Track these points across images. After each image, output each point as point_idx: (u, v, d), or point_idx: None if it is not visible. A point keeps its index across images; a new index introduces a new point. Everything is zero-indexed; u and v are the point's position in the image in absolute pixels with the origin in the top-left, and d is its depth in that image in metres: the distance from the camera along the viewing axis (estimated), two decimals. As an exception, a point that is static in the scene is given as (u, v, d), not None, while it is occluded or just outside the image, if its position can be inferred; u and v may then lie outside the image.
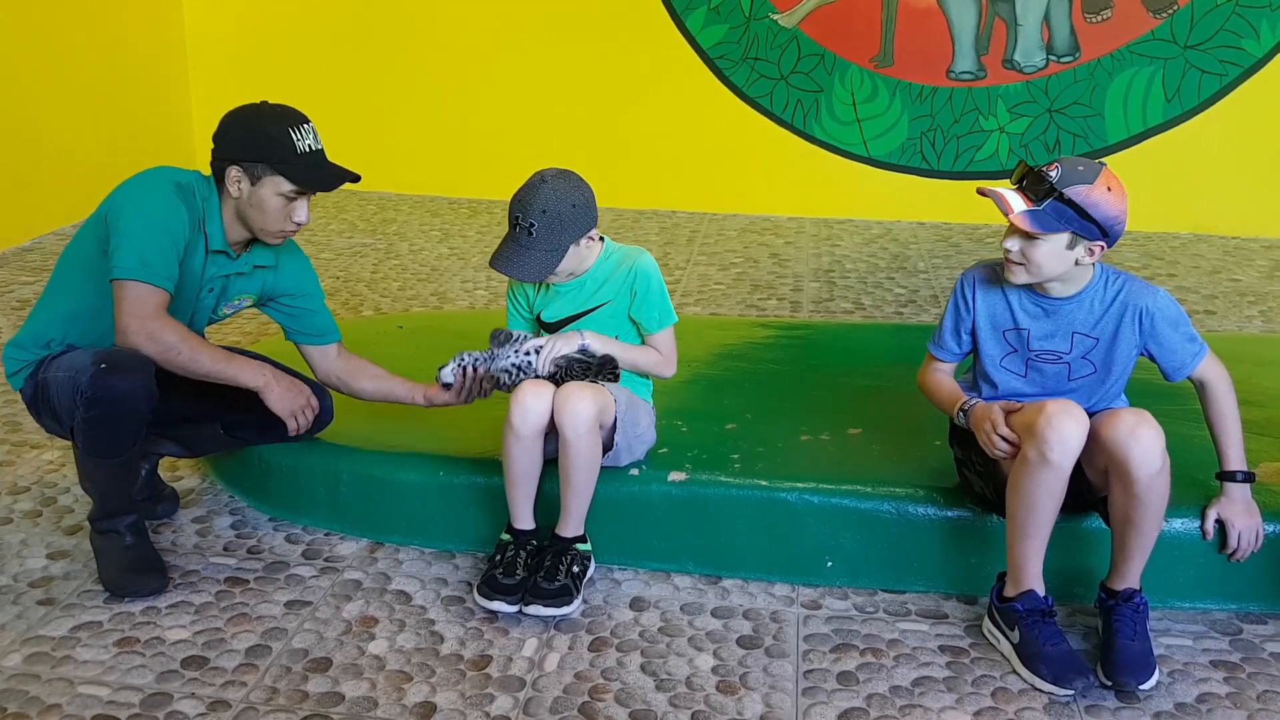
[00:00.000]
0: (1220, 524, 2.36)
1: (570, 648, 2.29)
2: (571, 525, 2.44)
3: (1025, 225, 2.15)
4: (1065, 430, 2.12)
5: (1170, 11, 5.76)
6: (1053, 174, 2.16)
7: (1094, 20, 5.87)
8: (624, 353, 2.49)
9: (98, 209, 2.41)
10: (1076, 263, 2.21)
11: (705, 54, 6.32)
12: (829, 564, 2.53)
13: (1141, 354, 2.32)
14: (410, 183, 6.75)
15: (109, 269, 2.30)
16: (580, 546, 2.46)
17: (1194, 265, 5.41)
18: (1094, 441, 2.16)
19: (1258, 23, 5.70)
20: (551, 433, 2.38)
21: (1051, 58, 5.94)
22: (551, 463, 2.44)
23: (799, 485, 2.53)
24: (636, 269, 2.50)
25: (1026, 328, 2.32)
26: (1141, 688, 2.14)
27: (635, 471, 2.57)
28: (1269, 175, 5.87)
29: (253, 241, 2.51)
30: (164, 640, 2.29)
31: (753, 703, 2.13)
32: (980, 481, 2.41)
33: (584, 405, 2.31)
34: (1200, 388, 2.32)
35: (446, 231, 5.93)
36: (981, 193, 2.25)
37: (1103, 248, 2.19)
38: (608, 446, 2.44)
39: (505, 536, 2.48)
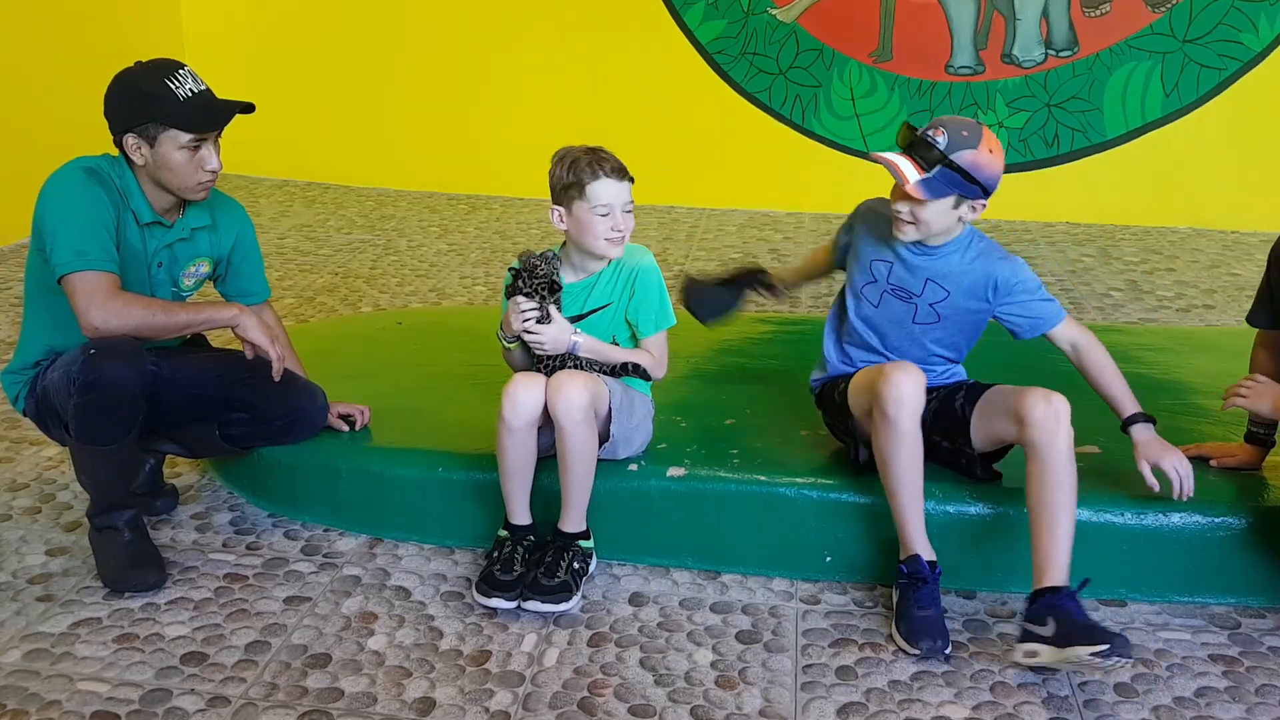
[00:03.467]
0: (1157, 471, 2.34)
1: (569, 643, 2.29)
2: (573, 519, 2.44)
3: (920, 195, 2.26)
4: (903, 387, 2.23)
5: (1169, 6, 5.76)
6: (940, 140, 2.26)
7: (1093, 14, 5.87)
8: (614, 356, 2.49)
9: (32, 225, 2.41)
10: (960, 220, 2.34)
11: (704, 49, 6.31)
12: (828, 559, 2.53)
13: (992, 318, 2.42)
14: (409, 179, 6.72)
15: (51, 272, 2.31)
16: (583, 543, 2.46)
17: (1193, 260, 5.41)
18: (998, 414, 2.28)
19: (1256, 17, 5.69)
20: (546, 426, 2.38)
21: (1050, 52, 5.94)
22: (548, 458, 2.44)
23: (798, 481, 2.53)
24: (638, 269, 2.51)
25: (891, 261, 2.44)
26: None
27: (634, 467, 2.57)
28: (1268, 169, 5.87)
29: (184, 205, 2.51)
30: (163, 636, 2.29)
31: (751, 698, 2.13)
32: (851, 441, 2.52)
33: (577, 393, 2.31)
34: (1072, 350, 2.40)
35: (445, 227, 5.93)
36: (872, 159, 2.35)
37: (984, 205, 2.33)
38: (604, 438, 2.44)
39: (503, 532, 2.48)
